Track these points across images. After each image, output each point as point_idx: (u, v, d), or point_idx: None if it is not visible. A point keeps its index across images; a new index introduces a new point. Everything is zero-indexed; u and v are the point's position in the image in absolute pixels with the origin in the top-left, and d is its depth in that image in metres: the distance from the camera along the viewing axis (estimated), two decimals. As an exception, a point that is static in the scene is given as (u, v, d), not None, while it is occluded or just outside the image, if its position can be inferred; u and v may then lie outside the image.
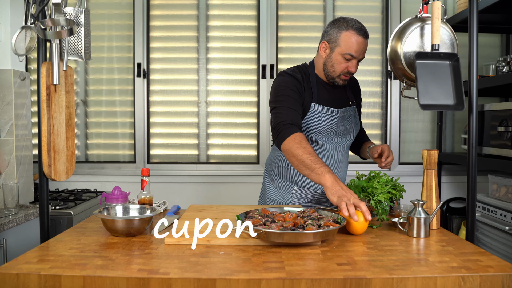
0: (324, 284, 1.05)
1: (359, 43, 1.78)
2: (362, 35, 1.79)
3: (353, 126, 1.95)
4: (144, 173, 1.72)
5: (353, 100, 1.97)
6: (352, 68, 1.81)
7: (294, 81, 1.82)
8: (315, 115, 1.84)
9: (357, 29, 1.78)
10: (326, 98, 1.88)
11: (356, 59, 1.80)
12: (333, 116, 1.87)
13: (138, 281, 1.05)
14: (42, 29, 1.46)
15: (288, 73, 1.86)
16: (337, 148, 1.92)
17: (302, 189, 1.91)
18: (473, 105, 1.48)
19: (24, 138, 2.36)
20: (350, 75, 1.84)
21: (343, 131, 1.91)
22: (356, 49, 1.78)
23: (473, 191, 1.48)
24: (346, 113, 1.91)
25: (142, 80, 3.09)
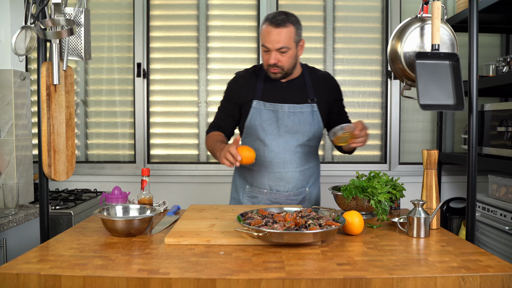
0: (324, 284, 1.05)
1: (269, 34, 1.76)
2: (273, 25, 1.76)
3: (307, 125, 1.88)
4: (144, 173, 1.72)
5: (313, 98, 1.90)
6: (270, 60, 1.78)
7: (233, 83, 1.98)
8: (256, 111, 1.87)
9: (269, 19, 1.78)
10: (273, 94, 1.88)
11: (272, 51, 1.77)
12: (276, 111, 1.86)
13: (138, 281, 1.05)
14: (42, 29, 1.46)
15: (236, 74, 2.01)
16: (284, 147, 1.88)
17: (253, 187, 1.95)
18: (473, 105, 1.48)
19: (24, 138, 2.36)
20: (276, 67, 1.81)
21: (291, 129, 1.87)
22: (267, 40, 1.77)
23: (473, 191, 1.48)
24: (299, 109, 1.86)
25: (142, 80, 3.09)
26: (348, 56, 3.12)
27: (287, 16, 1.80)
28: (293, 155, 1.90)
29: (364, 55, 3.12)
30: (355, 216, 1.42)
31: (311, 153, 1.97)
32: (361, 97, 3.14)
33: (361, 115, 3.14)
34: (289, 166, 1.90)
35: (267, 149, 1.88)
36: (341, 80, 3.12)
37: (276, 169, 1.90)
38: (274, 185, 1.92)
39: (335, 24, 3.11)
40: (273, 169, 1.90)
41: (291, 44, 1.79)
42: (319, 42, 3.12)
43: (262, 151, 1.89)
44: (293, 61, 1.84)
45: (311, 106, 1.89)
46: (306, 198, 1.98)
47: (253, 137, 1.91)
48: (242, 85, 1.93)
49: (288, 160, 1.89)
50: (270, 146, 1.88)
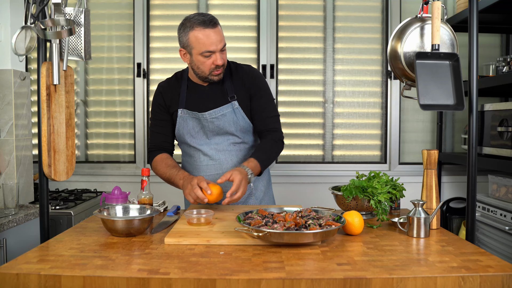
0: (324, 284, 1.05)
1: (210, 37, 1.69)
2: (209, 26, 1.69)
3: (232, 124, 1.84)
4: (144, 173, 1.72)
5: (232, 95, 1.85)
6: (218, 61, 1.73)
7: (158, 95, 1.92)
8: (183, 120, 1.86)
9: (201, 23, 1.69)
10: (195, 101, 1.85)
11: (216, 52, 1.72)
12: (200, 120, 1.83)
13: (138, 281, 1.05)
14: (42, 29, 1.46)
15: (158, 87, 1.95)
16: (216, 149, 1.87)
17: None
18: (473, 105, 1.48)
19: (24, 138, 2.36)
20: (221, 67, 1.77)
21: (219, 131, 1.85)
22: (210, 44, 1.69)
23: (473, 191, 1.48)
24: (221, 112, 1.83)
25: (142, 80, 3.09)
26: (348, 56, 3.12)
27: (210, 15, 1.74)
28: (228, 154, 1.88)
29: (364, 55, 3.12)
30: (355, 216, 1.42)
31: (250, 149, 1.93)
32: (361, 97, 3.14)
33: (361, 115, 3.14)
34: (225, 166, 1.87)
35: (201, 153, 1.88)
36: (341, 80, 3.13)
37: (214, 171, 1.88)
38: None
39: (335, 24, 3.11)
40: (211, 171, 1.88)
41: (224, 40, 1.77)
42: (319, 42, 3.12)
43: (197, 156, 1.89)
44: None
45: (231, 105, 1.84)
46: (252, 194, 1.95)
47: (186, 145, 1.92)
48: (168, 95, 1.89)
49: (224, 160, 1.87)
50: (203, 150, 1.87)
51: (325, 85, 3.13)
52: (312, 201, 2.75)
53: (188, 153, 1.93)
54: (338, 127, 3.14)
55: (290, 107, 3.13)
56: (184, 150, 1.96)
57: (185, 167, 1.98)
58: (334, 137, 3.14)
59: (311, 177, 3.08)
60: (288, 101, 3.13)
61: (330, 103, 3.13)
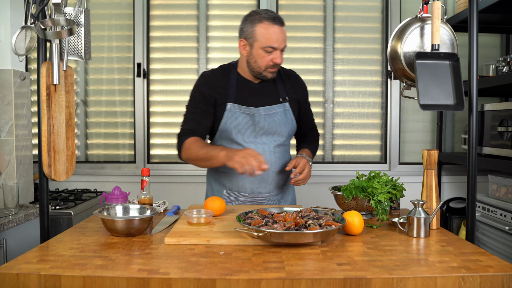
0: (324, 284, 1.05)
1: (276, 33, 1.72)
2: (278, 24, 1.73)
3: (282, 125, 1.86)
4: (144, 173, 1.72)
5: (284, 96, 1.88)
6: (277, 59, 1.75)
7: (202, 84, 1.87)
8: (232, 115, 1.81)
9: (270, 18, 1.72)
10: (246, 97, 1.83)
11: (278, 50, 1.74)
12: (252, 115, 1.81)
13: (138, 281, 1.05)
14: (42, 29, 1.46)
15: (203, 75, 1.91)
16: (263, 148, 1.83)
17: (232, 192, 1.91)
18: (473, 105, 1.48)
19: (24, 138, 2.36)
20: (277, 67, 1.79)
21: (269, 131, 1.84)
22: (275, 40, 1.72)
23: (473, 191, 1.48)
24: (273, 111, 1.84)
25: (142, 80, 3.09)
26: (348, 56, 3.12)
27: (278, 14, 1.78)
28: (271, 156, 1.87)
29: (364, 55, 3.12)
30: (355, 216, 1.42)
31: (286, 152, 1.96)
32: (361, 97, 3.14)
33: (361, 115, 3.14)
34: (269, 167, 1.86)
35: None
36: (341, 80, 3.13)
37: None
38: (256, 187, 1.89)
39: (335, 24, 3.11)
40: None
41: None
42: (319, 42, 3.12)
43: None
44: None
45: (283, 105, 1.86)
46: (284, 197, 1.98)
47: (228, 140, 1.86)
48: (214, 86, 1.85)
49: (268, 161, 1.84)
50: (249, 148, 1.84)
51: (325, 85, 3.13)
52: (312, 201, 2.75)
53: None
54: (338, 127, 3.14)
55: (290, 107, 3.13)
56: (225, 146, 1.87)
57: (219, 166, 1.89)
58: (334, 137, 3.14)
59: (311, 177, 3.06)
60: (288, 101, 3.13)
61: (330, 103, 3.13)
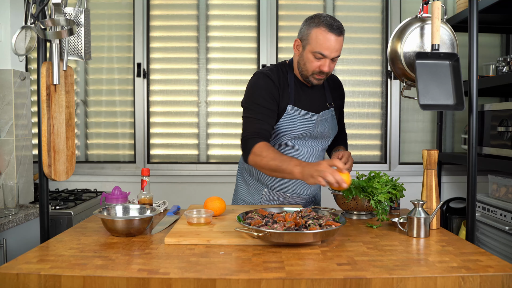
0: (324, 284, 1.05)
1: (329, 41, 1.65)
2: (334, 32, 1.65)
3: (331, 130, 1.88)
4: (144, 173, 1.72)
5: (331, 102, 1.89)
6: (325, 68, 1.68)
7: (268, 85, 1.75)
8: (290, 117, 1.78)
9: (328, 25, 1.65)
10: (304, 101, 1.81)
11: (328, 58, 1.68)
12: (309, 120, 1.80)
13: (138, 281, 1.05)
14: (42, 29, 1.46)
15: (265, 74, 1.78)
16: (310, 151, 1.86)
17: (272, 191, 1.90)
18: (473, 105, 1.48)
19: (24, 138, 2.36)
20: (324, 75, 1.73)
21: (319, 135, 1.86)
22: (326, 47, 1.65)
23: (473, 191, 1.48)
24: (324, 116, 1.85)
25: (142, 80, 3.09)
26: (348, 56, 3.12)
27: (340, 22, 1.71)
28: (317, 159, 1.89)
29: (364, 55, 3.12)
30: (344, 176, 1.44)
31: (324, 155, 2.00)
32: (361, 97, 3.13)
33: (361, 115, 3.14)
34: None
35: (296, 153, 1.83)
36: (341, 80, 3.11)
37: None
38: (298, 188, 1.90)
39: (335, 24, 3.11)
40: None
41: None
42: (319, 42, 3.11)
43: (289, 154, 1.80)
44: None
45: (330, 111, 1.88)
46: (316, 199, 2.02)
47: (280, 141, 1.82)
48: (278, 86, 1.77)
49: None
50: (299, 151, 1.84)
51: (325, 85, 3.13)
52: (312, 201, 2.74)
53: (281, 150, 1.80)
54: (338, 127, 3.14)
55: (290, 107, 3.13)
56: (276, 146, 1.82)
57: None
58: (334, 137, 3.14)
59: (311, 177, 3.08)
60: (288, 101, 3.13)
61: (330, 103, 3.13)
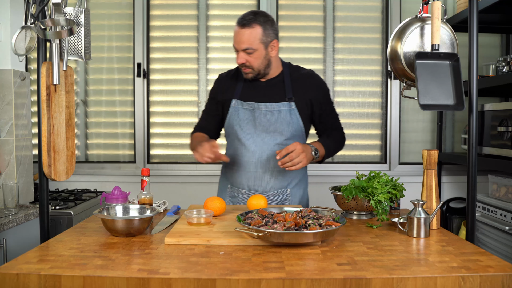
0: (324, 284, 1.05)
1: (235, 33, 1.83)
2: (239, 25, 1.82)
3: (286, 123, 1.87)
4: (144, 173, 1.72)
5: (291, 96, 1.88)
6: (238, 60, 1.83)
7: (215, 84, 2.04)
8: (234, 111, 1.91)
9: (238, 20, 1.83)
10: (252, 94, 1.91)
11: (239, 51, 1.82)
12: (252, 110, 1.88)
13: (138, 281, 1.05)
14: (42, 29, 1.46)
15: (220, 75, 2.06)
16: (261, 146, 1.87)
17: (233, 187, 1.98)
18: (473, 105, 1.48)
19: (24, 138, 2.36)
20: (248, 68, 1.85)
21: (268, 127, 1.86)
22: (234, 40, 1.83)
23: (473, 191, 1.48)
24: (277, 108, 1.86)
25: (142, 80, 3.09)
26: (348, 56, 3.12)
27: (255, 16, 1.80)
28: (270, 155, 1.88)
29: (364, 55, 3.12)
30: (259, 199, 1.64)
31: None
32: (361, 97, 3.14)
33: (361, 115, 3.14)
34: (266, 165, 1.88)
35: (244, 148, 1.89)
36: (341, 80, 3.13)
37: (253, 169, 1.90)
38: (253, 185, 1.92)
39: (335, 24, 3.11)
40: (251, 168, 1.90)
41: (256, 45, 1.79)
42: (319, 42, 3.12)
43: (240, 150, 1.91)
44: (263, 62, 1.84)
45: (288, 105, 1.88)
46: (288, 199, 1.96)
47: (232, 137, 1.95)
48: (224, 85, 1.98)
49: (266, 159, 1.88)
50: (247, 145, 1.89)
51: (325, 85, 3.13)
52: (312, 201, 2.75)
53: (233, 146, 1.95)
54: (338, 127, 3.14)
55: (290, 107, 3.13)
56: (229, 143, 1.99)
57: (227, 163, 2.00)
58: (334, 137, 3.14)
59: (311, 177, 3.07)
60: (288, 101, 3.13)
61: (330, 103, 3.13)
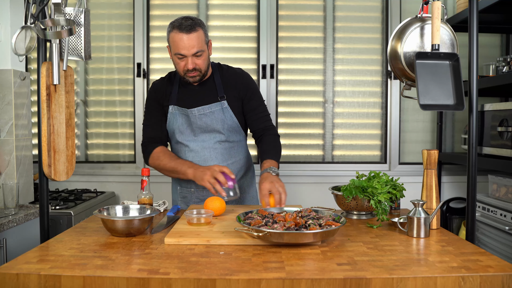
0: (324, 284, 1.05)
1: (182, 40, 1.78)
2: (184, 31, 1.78)
3: (220, 122, 1.92)
4: (144, 173, 1.72)
5: (222, 95, 1.93)
6: (189, 65, 1.81)
7: (152, 92, 1.99)
8: (173, 116, 1.93)
9: (178, 26, 1.79)
10: (187, 99, 1.92)
11: (188, 56, 1.80)
12: (189, 116, 1.90)
13: (138, 281, 1.05)
14: (42, 29, 1.46)
15: (153, 83, 2.03)
16: (202, 146, 1.93)
17: (182, 188, 2.00)
18: (473, 105, 1.48)
19: (24, 138, 2.35)
20: (196, 71, 1.84)
21: (205, 128, 1.91)
22: (181, 47, 1.79)
23: (473, 191, 1.48)
24: (209, 109, 1.91)
25: (142, 80, 3.09)
26: (348, 56, 3.12)
27: (193, 20, 1.82)
28: (212, 152, 1.94)
29: (364, 55, 3.12)
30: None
31: (234, 148, 1.99)
32: (361, 97, 3.14)
33: (361, 115, 3.14)
34: (210, 162, 1.92)
35: (187, 149, 1.94)
36: (341, 80, 3.13)
37: None
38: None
39: (335, 24, 3.11)
40: None
41: (203, 46, 1.83)
42: (319, 42, 3.12)
43: (183, 152, 1.95)
44: (207, 62, 1.89)
45: (220, 104, 1.92)
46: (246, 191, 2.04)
47: (174, 140, 1.98)
48: (160, 92, 1.97)
49: (208, 157, 1.93)
50: (189, 146, 1.93)
51: (325, 85, 3.13)
52: (312, 201, 2.75)
53: (176, 149, 1.99)
54: (338, 127, 3.14)
55: (290, 107, 3.13)
56: (173, 146, 2.02)
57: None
58: (334, 137, 3.14)
59: (311, 177, 3.08)
60: (288, 101, 3.13)
61: (330, 103, 3.13)
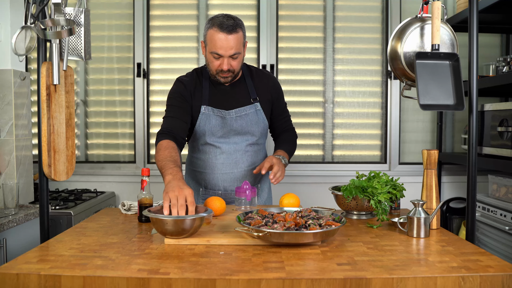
0: (324, 284, 1.05)
1: (221, 40, 1.73)
2: (225, 31, 1.72)
3: (255, 124, 1.91)
4: (144, 173, 1.72)
5: (255, 97, 1.92)
6: (223, 66, 1.77)
7: (180, 88, 1.88)
8: (205, 117, 1.87)
9: (219, 25, 1.73)
10: (219, 100, 1.89)
11: (224, 57, 1.76)
12: (224, 118, 1.87)
13: (138, 281, 1.05)
14: (42, 29, 1.46)
15: (179, 80, 1.92)
16: (234, 148, 1.91)
17: (207, 190, 1.97)
18: (473, 105, 1.48)
19: (24, 138, 2.35)
20: (229, 73, 1.81)
21: (240, 131, 1.90)
22: (219, 47, 1.74)
23: (473, 191, 1.48)
24: (245, 112, 1.90)
25: (142, 80, 3.09)
26: (348, 56, 3.12)
27: (235, 20, 1.77)
28: (243, 155, 1.93)
29: (364, 55, 3.12)
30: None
31: (260, 150, 2.01)
32: (361, 97, 3.14)
33: (361, 115, 3.14)
34: (241, 165, 1.93)
35: (219, 151, 1.91)
36: (341, 80, 3.13)
37: (228, 170, 1.93)
38: (228, 185, 1.94)
39: (335, 24, 3.11)
40: (226, 170, 1.93)
41: (241, 48, 1.80)
42: (319, 42, 3.12)
43: (213, 153, 1.92)
44: (241, 64, 1.87)
45: (254, 106, 1.92)
46: (258, 194, 2.04)
47: (202, 141, 1.93)
48: (189, 89, 1.89)
49: (240, 160, 1.93)
50: (221, 148, 1.91)
51: (325, 85, 3.13)
52: (312, 201, 2.75)
53: (204, 150, 1.94)
54: (338, 127, 3.14)
55: (290, 107, 3.10)
56: (199, 148, 1.96)
57: (195, 164, 1.99)
58: (334, 137, 3.15)
59: (311, 177, 3.08)
60: (288, 101, 3.10)
61: (330, 103, 3.13)
